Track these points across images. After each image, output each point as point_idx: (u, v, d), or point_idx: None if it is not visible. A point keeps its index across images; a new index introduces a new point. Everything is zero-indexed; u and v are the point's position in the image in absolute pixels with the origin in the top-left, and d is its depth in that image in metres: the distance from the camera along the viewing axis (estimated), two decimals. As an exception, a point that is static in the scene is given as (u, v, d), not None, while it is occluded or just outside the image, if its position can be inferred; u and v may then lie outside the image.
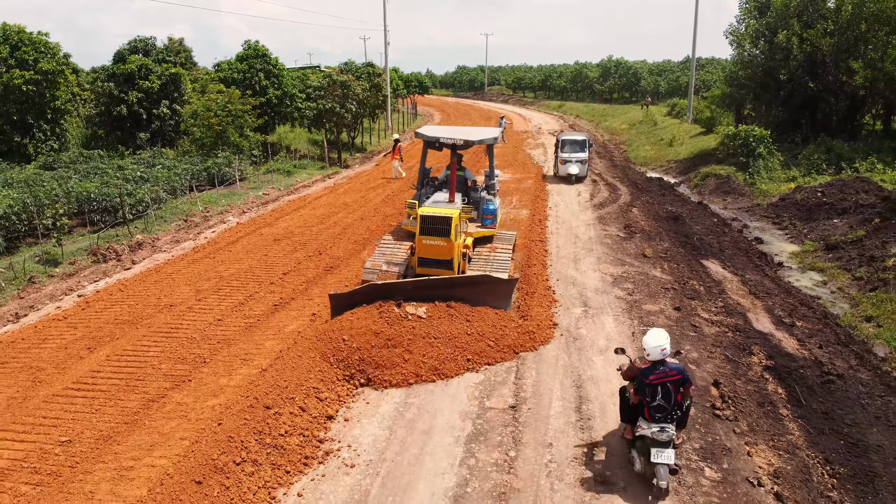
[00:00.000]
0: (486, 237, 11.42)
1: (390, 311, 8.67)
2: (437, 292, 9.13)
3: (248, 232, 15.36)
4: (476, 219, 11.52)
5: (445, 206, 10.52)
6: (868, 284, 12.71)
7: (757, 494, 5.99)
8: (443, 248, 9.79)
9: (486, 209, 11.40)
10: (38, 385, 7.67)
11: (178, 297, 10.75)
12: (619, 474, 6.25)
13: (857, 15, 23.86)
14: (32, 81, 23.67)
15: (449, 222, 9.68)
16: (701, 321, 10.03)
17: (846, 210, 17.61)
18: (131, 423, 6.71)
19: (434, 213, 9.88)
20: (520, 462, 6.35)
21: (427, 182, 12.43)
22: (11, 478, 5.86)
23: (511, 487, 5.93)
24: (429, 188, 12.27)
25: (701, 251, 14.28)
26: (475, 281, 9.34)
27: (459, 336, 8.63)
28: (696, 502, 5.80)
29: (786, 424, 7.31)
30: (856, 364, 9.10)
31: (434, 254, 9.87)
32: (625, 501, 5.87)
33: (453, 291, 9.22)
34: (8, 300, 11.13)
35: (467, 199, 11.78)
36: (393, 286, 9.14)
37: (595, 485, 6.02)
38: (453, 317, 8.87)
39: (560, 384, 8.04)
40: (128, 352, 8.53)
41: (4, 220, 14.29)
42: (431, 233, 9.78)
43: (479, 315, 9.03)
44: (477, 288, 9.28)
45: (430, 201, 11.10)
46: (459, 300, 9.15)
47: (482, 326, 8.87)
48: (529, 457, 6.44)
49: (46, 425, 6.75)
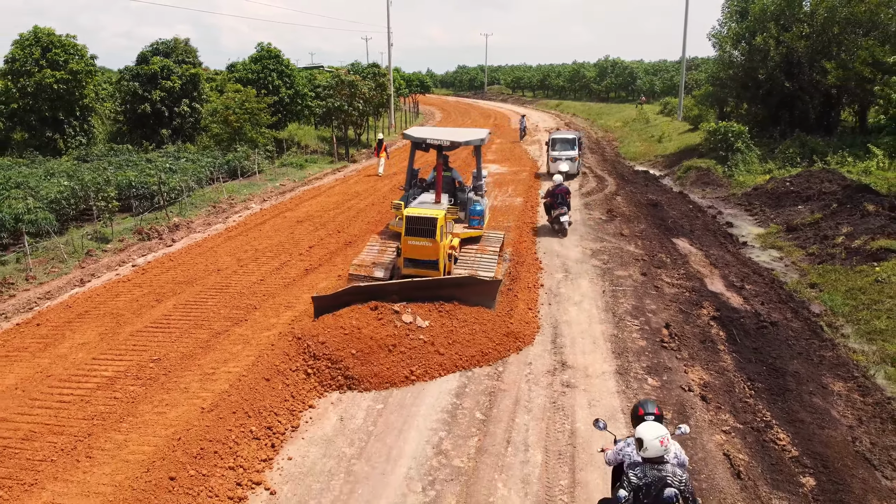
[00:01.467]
0: (475, 238, 11.54)
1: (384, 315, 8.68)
2: (422, 293, 9.24)
3: (273, 216, 17.29)
4: (463, 219, 11.61)
5: (431, 206, 10.54)
6: (818, 259, 14.55)
7: (687, 397, 7.86)
8: (428, 248, 9.86)
9: (472, 210, 11.45)
10: (121, 325, 9.57)
11: (222, 264, 12.68)
12: (581, 379, 8.13)
13: (830, 19, 25.69)
14: (63, 81, 25.55)
15: (434, 223, 9.76)
16: (663, 283, 11.91)
17: (810, 197, 19.45)
18: (205, 347, 8.62)
19: (419, 213, 9.95)
20: (506, 375, 8.23)
21: (415, 183, 12.46)
22: (120, 383, 7.74)
23: (499, 389, 7.82)
24: (416, 189, 12.30)
25: (673, 231, 16.15)
26: (460, 282, 9.49)
27: (441, 341, 8.64)
28: (638, 398, 7.67)
29: (720, 355, 9.18)
30: (791, 317, 10.96)
31: (420, 254, 9.95)
32: (585, 395, 7.76)
33: (438, 292, 9.30)
34: (72, 269, 13.00)
35: (454, 199, 11.86)
36: (377, 288, 9.24)
37: (561, 387, 7.89)
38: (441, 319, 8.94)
39: (541, 325, 9.93)
40: (190, 302, 10.46)
41: (56, 204, 16.19)
42: (417, 233, 9.84)
43: (463, 317, 9.10)
44: (462, 289, 9.41)
45: (416, 202, 11.16)
46: (444, 300, 9.27)
47: (465, 331, 8.90)
48: (513, 371, 8.33)
49: (137, 350, 8.65)
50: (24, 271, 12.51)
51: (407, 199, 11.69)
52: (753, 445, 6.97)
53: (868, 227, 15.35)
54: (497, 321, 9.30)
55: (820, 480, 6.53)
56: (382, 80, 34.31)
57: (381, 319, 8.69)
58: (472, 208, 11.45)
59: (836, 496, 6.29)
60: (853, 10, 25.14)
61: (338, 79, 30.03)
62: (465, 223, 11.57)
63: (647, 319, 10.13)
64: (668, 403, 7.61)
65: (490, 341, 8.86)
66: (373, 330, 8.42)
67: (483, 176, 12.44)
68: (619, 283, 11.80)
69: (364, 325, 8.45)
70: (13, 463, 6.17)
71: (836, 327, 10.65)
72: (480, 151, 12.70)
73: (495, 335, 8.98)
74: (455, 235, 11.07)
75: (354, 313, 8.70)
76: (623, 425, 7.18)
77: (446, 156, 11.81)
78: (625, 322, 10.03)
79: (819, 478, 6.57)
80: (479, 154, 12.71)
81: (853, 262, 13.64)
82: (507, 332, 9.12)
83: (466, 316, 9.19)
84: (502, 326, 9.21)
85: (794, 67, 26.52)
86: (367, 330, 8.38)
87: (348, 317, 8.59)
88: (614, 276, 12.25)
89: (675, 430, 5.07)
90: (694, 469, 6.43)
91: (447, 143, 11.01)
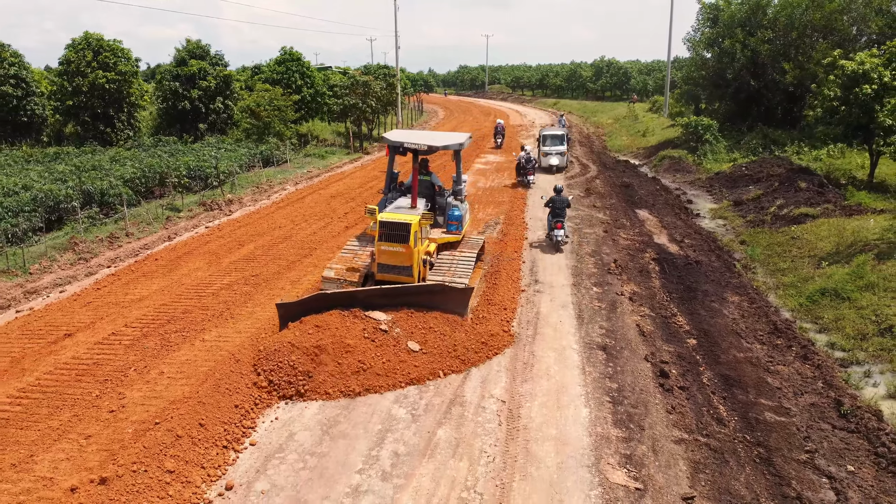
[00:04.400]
0: (454, 242, 11.56)
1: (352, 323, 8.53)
2: (392, 300, 9.11)
3: (308, 193, 20.89)
4: (441, 224, 11.60)
5: (407, 211, 10.41)
6: (752, 224, 18.07)
7: (619, 298, 11.38)
8: (402, 254, 9.74)
9: (451, 215, 11.38)
10: (220, 258, 13.21)
11: (280, 224, 16.33)
12: (547, 288, 11.68)
13: (789, 25, 29.17)
14: (113, 80, 29.18)
15: (408, 228, 9.62)
16: (620, 238, 15.45)
17: (760, 179, 22.95)
18: (285, 269, 12.26)
19: (393, 218, 9.83)
20: (500, 290, 11.81)
21: (394, 187, 12.34)
22: (232, 288, 11.34)
23: (495, 296, 11.39)
24: (395, 193, 12.18)
25: (638, 205, 19.68)
26: (431, 289, 9.39)
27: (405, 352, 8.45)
28: (583, 303, 11.20)
29: (651, 279, 12.71)
30: (714, 259, 14.47)
31: (393, 260, 9.85)
32: (548, 295, 11.28)
33: (408, 299, 9.23)
34: (158, 230, 16.56)
35: (433, 204, 11.78)
36: (344, 295, 9.05)
37: (533, 292, 11.45)
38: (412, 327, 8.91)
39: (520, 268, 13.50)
40: (265, 245, 14.10)
41: (131, 182, 19.76)
42: (390, 239, 9.73)
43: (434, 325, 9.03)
44: (433, 296, 9.32)
45: (392, 206, 10.92)
46: (415, 307, 9.21)
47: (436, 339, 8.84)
48: (505, 286, 11.89)
49: (238, 271, 12.26)
50: (123, 230, 16.06)
51: (384, 204, 11.56)
52: (659, 322, 10.50)
53: (797, 200, 18.89)
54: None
55: (700, 341, 10.05)
56: (392, 80, 37.86)
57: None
58: (451, 213, 11.42)
59: (709, 349, 9.79)
60: (811, 18, 28.63)
61: (353, 79, 33.57)
62: (443, 228, 11.56)
63: (601, 258, 13.67)
64: (605, 301, 11.17)
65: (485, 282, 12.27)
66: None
67: (463, 180, 12.32)
68: (585, 237, 15.35)
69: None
70: (183, 324, 9.79)
71: (749, 268, 14.15)
72: (460, 155, 12.36)
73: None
74: (432, 240, 11.00)
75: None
76: (572, 315, 10.70)
77: (426, 160, 11.90)
78: (584, 259, 13.58)
79: (700, 339, 10.09)
80: (459, 158, 12.41)
81: (778, 225, 17.17)
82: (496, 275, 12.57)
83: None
84: (493, 264, 12.68)
85: (758, 68, 30.02)
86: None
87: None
88: (582, 232, 15.81)
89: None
90: (613, 330, 9.97)
91: (424, 147, 10.91)
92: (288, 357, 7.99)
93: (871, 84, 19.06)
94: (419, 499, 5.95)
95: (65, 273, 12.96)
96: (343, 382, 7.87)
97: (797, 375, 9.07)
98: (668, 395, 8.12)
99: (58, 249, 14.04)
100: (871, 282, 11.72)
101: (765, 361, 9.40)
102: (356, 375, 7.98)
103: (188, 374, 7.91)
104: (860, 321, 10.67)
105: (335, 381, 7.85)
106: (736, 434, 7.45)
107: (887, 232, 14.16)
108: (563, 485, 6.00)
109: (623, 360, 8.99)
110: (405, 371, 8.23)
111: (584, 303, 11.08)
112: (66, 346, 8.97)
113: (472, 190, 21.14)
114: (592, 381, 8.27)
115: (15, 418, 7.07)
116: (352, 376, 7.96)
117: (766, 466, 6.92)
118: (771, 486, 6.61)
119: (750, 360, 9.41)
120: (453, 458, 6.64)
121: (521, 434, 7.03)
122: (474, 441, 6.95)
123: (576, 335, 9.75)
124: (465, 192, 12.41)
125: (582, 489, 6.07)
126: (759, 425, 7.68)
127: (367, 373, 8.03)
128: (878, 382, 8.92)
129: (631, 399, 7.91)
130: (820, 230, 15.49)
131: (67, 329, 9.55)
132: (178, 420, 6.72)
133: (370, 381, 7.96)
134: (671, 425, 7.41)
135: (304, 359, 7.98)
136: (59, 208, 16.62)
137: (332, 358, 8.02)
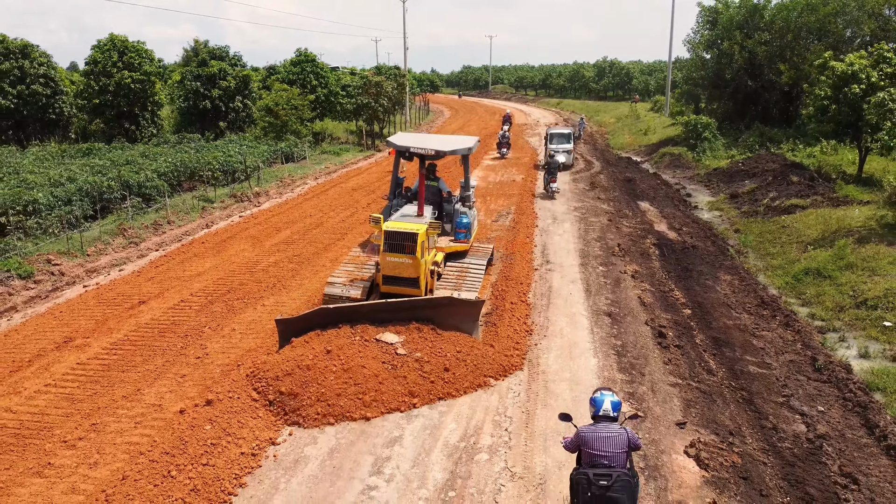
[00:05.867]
0: (462, 251, 11.12)
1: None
2: (396, 315, 8.61)
3: (331, 187, 22.26)
4: (449, 232, 11.15)
5: (413, 220, 9.87)
6: (746, 215, 19.37)
7: (622, 276, 12.69)
8: (408, 265, 9.25)
9: (458, 223, 10.91)
10: (261, 241, 14.61)
11: (310, 213, 17.73)
12: (557, 267, 12.98)
13: (785, 27, 30.45)
14: (138, 80, 30.56)
15: (415, 238, 9.12)
16: (623, 225, 16.77)
17: (755, 174, 24.23)
18: (322, 250, 13.68)
19: (399, 228, 9.29)
20: (515, 266, 13.13)
21: (399, 193, 11.87)
22: (278, 265, 12.69)
23: (512, 271, 12.71)
24: (400, 199, 11.65)
25: (639, 197, 20.98)
26: (438, 303, 8.82)
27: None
28: (590, 279, 12.51)
29: (651, 260, 14.02)
30: (709, 245, 15.76)
31: (399, 272, 9.35)
32: (559, 273, 12.60)
33: (415, 313, 8.68)
34: (195, 218, 17.91)
35: (440, 211, 11.32)
36: (347, 310, 8.61)
37: (545, 271, 12.77)
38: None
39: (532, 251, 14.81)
40: (301, 231, 15.52)
41: (164, 176, 21.12)
42: (396, 249, 9.23)
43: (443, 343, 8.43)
44: (440, 310, 8.75)
45: (397, 215, 10.36)
46: (423, 322, 8.67)
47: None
48: (519, 264, 13.21)
49: (280, 252, 13.64)
50: (165, 218, 17.42)
51: (389, 211, 11.13)
52: (658, 296, 11.82)
53: (789, 192, 20.19)
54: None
55: (694, 311, 11.35)
56: (402, 80, 39.22)
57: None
58: (459, 220, 10.94)
59: (702, 317, 11.09)
60: (806, 21, 29.91)
61: (366, 79, 34.92)
62: (451, 236, 11.08)
63: (606, 243, 14.98)
64: (610, 277, 12.49)
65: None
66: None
67: (472, 186, 11.80)
68: (590, 224, 16.67)
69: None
70: (241, 293, 11.16)
71: (742, 253, 15.44)
72: (468, 160, 11.95)
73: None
74: (439, 250, 10.53)
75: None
76: (581, 289, 12.01)
77: (433, 165, 11.49)
78: (590, 243, 14.90)
79: (694, 310, 11.40)
80: (467, 163, 11.93)
81: (770, 215, 18.46)
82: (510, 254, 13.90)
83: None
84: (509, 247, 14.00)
85: (755, 69, 31.30)
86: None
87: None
88: (588, 221, 17.13)
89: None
90: (617, 301, 11.29)
91: (432, 152, 10.48)
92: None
93: (859, 84, 20.36)
94: (461, 420, 7.28)
95: (118, 255, 14.31)
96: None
97: (779, 339, 10.37)
98: (665, 351, 9.43)
99: (109, 234, 15.40)
100: (850, 262, 13.02)
101: (751, 328, 10.70)
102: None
103: (256, 331, 9.26)
104: (839, 296, 11.96)
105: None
106: (723, 381, 8.75)
107: (869, 220, 15.45)
108: (578, 411, 7.30)
109: (626, 324, 10.30)
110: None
111: (591, 279, 12.40)
112: (142, 311, 10.32)
113: (483, 184, 22.46)
114: (600, 339, 9.59)
115: (115, 364, 8.41)
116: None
117: (747, 405, 8.22)
118: (751, 419, 7.92)
119: (738, 327, 10.71)
120: (485, 393, 7.96)
121: (540, 377, 8.35)
122: (502, 382, 8.28)
123: (584, 304, 11.07)
124: (473, 199, 11.86)
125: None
126: (744, 375, 8.98)
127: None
128: (851, 345, 10.20)
129: (633, 353, 9.22)
130: (808, 219, 16.77)
131: (140, 298, 10.91)
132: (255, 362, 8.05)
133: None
134: (667, 373, 8.72)
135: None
136: (103, 198, 17.99)
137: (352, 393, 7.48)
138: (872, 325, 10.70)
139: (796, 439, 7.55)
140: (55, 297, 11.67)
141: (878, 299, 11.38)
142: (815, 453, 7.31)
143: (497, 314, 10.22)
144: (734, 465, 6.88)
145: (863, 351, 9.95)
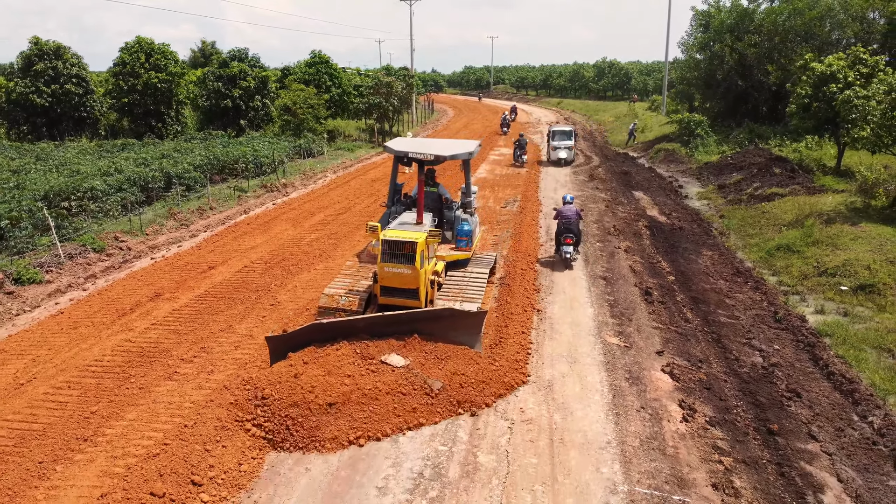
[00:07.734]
0: (463, 260, 10.71)
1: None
2: (394, 329, 8.32)
3: (351, 178, 24.24)
4: (450, 240, 10.88)
5: (412, 228, 9.55)
6: (730, 202, 21.32)
7: (616, 251, 14.64)
8: (407, 276, 8.88)
9: (460, 230, 10.59)
10: (299, 223, 16.68)
11: (337, 201, 19.70)
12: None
13: (773, 30, 32.39)
14: (164, 81, 32.53)
15: (414, 248, 8.78)
16: (618, 210, 18.72)
17: (743, 167, 26.17)
18: (355, 230, 15.65)
19: (397, 237, 8.95)
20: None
21: (398, 199, 11.52)
22: (319, 241, 14.64)
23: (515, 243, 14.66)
24: (399, 206, 11.32)
25: (634, 188, 22.93)
26: (438, 315, 8.50)
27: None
28: (588, 252, 14.45)
29: (643, 239, 15.97)
30: (696, 227, 17.71)
31: (398, 283, 8.97)
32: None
33: (414, 326, 8.36)
34: (234, 206, 19.87)
35: (440, 218, 11.04)
36: (342, 324, 8.22)
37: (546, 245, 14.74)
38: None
39: (538, 231, 16.73)
40: (334, 213, 17.55)
41: (200, 168, 23.09)
42: (395, 259, 8.87)
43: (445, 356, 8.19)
44: (440, 323, 8.46)
45: (395, 223, 10.08)
46: (423, 335, 8.38)
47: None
48: (525, 240, 15.15)
49: (319, 231, 15.58)
50: (207, 205, 19.37)
51: (387, 219, 10.82)
52: (646, 266, 13.76)
53: (771, 182, 22.13)
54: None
55: (677, 277, 13.29)
56: (410, 80, 41.21)
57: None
58: (460, 228, 10.61)
59: (684, 282, 13.01)
60: (793, 24, 31.85)
61: (377, 80, 36.90)
62: (451, 244, 10.79)
63: (603, 225, 16.94)
64: (606, 251, 14.44)
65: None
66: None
67: (473, 192, 11.35)
68: (589, 210, 18.63)
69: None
70: (294, 261, 13.11)
71: (724, 234, 17.37)
72: (469, 165, 11.49)
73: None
74: (440, 258, 10.26)
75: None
76: (580, 259, 13.94)
77: (432, 170, 11.32)
78: (589, 226, 16.85)
79: (677, 276, 13.34)
80: (468, 168, 11.50)
81: (752, 203, 20.39)
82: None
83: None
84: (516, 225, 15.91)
85: (745, 70, 33.25)
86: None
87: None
88: (587, 207, 19.09)
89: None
90: (611, 268, 13.23)
91: (431, 157, 10.07)
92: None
93: (837, 83, 22.32)
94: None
95: (173, 234, 16.27)
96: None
97: (748, 299, 12.31)
98: (650, 305, 11.38)
99: (162, 217, 17.36)
100: (817, 239, 14.96)
101: (725, 290, 12.64)
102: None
103: (315, 287, 11.22)
104: (805, 266, 13.90)
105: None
106: (697, 327, 10.70)
107: (839, 205, 17.40)
108: (577, 343, 9.24)
109: (618, 286, 12.25)
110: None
111: (589, 252, 14.35)
112: (212, 275, 12.29)
113: (490, 177, 24.41)
114: (596, 295, 11.55)
115: (204, 310, 10.38)
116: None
117: (715, 343, 10.17)
118: (718, 353, 9.86)
119: (714, 290, 12.66)
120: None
121: (546, 321, 10.30)
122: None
123: (583, 270, 13.02)
124: (475, 205, 11.48)
125: (589, 344, 9.35)
126: (715, 324, 10.92)
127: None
128: (809, 304, 12.14)
129: (623, 305, 11.17)
130: (786, 206, 18.71)
131: (208, 265, 12.87)
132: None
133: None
134: (651, 320, 10.67)
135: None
136: (148, 187, 19.96)
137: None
138: (830, 289, 12.63)
139: (753, 367, 9.49)
140: (128, 267, 13.61)
141: (836, 268, 13.32)
142: (767, 376, 9.25)
143: (510, 277, 12.18)
144: (700, 380, 8.83)
145: (819, 308, 11.87)
